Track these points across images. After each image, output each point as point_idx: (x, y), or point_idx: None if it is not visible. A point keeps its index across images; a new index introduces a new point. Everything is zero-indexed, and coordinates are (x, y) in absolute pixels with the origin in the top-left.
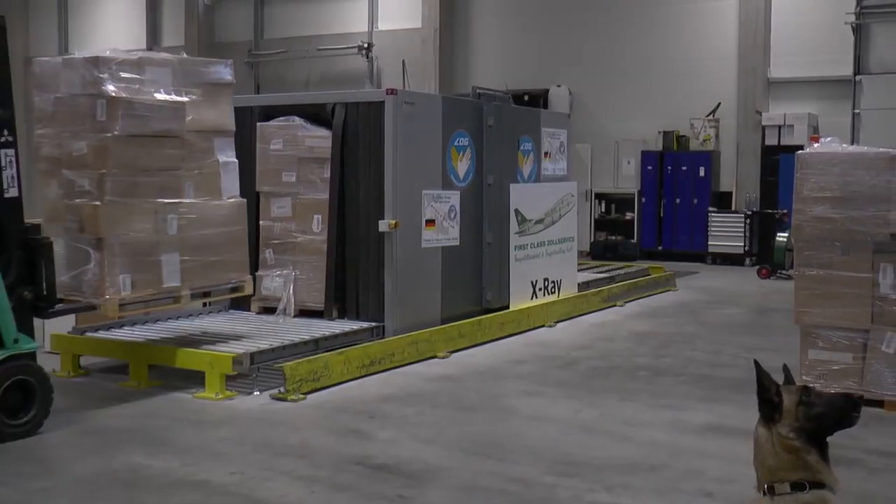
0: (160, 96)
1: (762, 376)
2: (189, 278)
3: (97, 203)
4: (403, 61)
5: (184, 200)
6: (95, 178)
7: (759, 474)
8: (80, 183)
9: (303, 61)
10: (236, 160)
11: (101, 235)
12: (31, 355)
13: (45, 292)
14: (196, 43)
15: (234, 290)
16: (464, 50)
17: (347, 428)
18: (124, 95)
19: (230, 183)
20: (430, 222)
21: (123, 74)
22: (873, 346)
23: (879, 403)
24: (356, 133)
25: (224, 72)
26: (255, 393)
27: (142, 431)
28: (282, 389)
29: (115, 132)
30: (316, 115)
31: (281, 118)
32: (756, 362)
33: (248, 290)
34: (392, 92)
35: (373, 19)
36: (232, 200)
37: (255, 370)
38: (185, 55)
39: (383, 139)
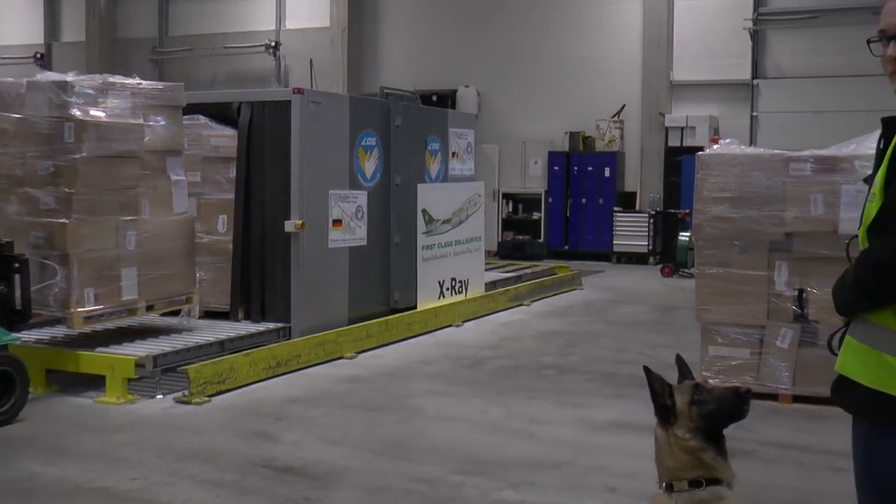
0: (121, 119)
1: (653, 381)
2: (144, 291)
3: (64, 220)
4: (311, 60)
5: (141, 217)
6: (63, 196)
7: (659, 473)
8: (45, 201)
9: (209, 59)
10: (185, 178)
11: (69, 251)
12: (5, 346)
13: (19, 307)
14: (97, 39)
15: (185, 301)
16: (372, 50)
17: (253, 430)
18: (91, 118)
19: (180, 199)
20: (337, 222)
21: (88, 98)
22: (769, 341)
23: (774, 397)
24: (262, 132)
25: (176, 96)
26: (159, 396)
27: (39, 438)
28: (186, 392)
29: (83, 153)
30: (221, 114)
31: (186, 117)
32: (646, 368)
33: (196, 302)
34: (299, 91)
35: (280, 18)
36: (181, 216)
37: (158, 373)
38: (140, 81)
39: (290, 139)
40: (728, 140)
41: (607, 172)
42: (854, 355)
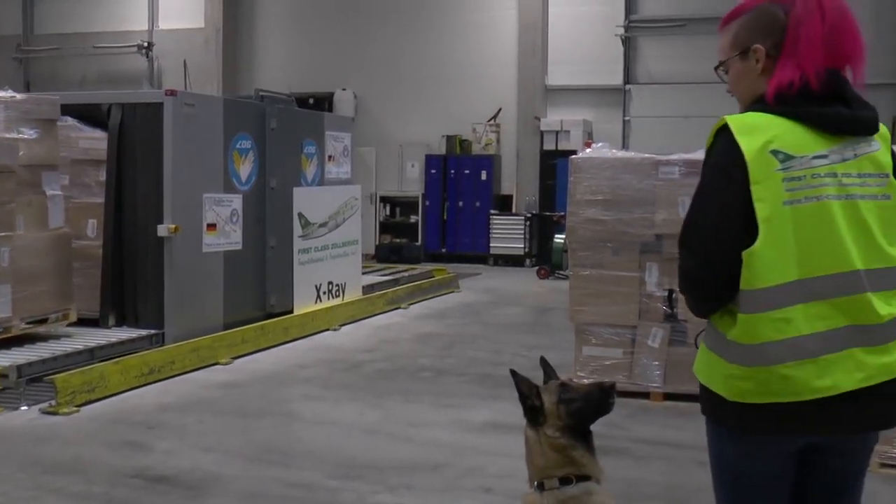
0: None
1: (520, 384)
2: (19, 308)
3: None
4: (185, 62)
5: (15, 233)
6: None
7: (530, 472)
8: None
9: (78, 59)
10: (61, 193)
11: None
12: None
13: None
14: None
15: (62, 317)
16: (248, 51)
17: (124, 440)
18: None
19: (56, 214)
20: (212, 226)
21: None
22: (640, 341)
23: (646, 395)
24: (134, 135)
25: (52, 110)
26: (24, 408)
27: None
28: (53, 403)
29: None
30: (91, 115)
31: None
32: (512, 372)
33: (73, 318)
34: (171, 93)
35: (153, 18)
36: (57, 231)
37: (22, 383)
38: (14, 94)
39: (162, 141)
40: (600, 144)
41: (484, 175)
42: (699, 355)
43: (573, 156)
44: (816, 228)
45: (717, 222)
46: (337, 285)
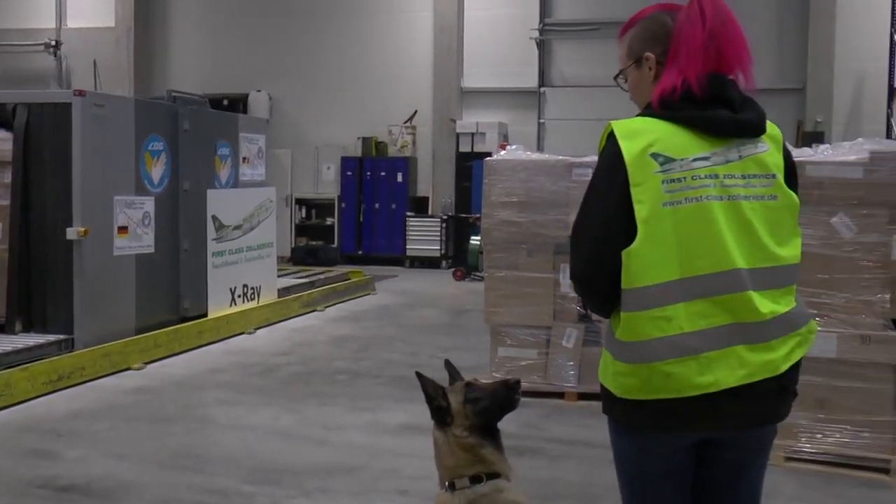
0: None
1: (426, 386)
2: None
3: None
4: (95, 61)
5: None
6: None
7: (441, 473)
8: None
9: None
10: None
11: None
12: None
13: None
14: None
15: None
16: (161, 52)
17: (31, 449)
18: None
19: None
20: (123, 229)
21: None
22: (555, 341)
23: (561, 395)
24: (41, 136)
25: None
26: None
27: None
28: None
29: None
30: None
31: None
32: (418, 374)
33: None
34: (80, 93)
35: (61, 16)
36: None
37: None
38: None
39: (71, 142)
40: (514, 146)
41: (400, 177)
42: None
43: (488, 158)
44: (697, 229)
45: (601, 223)
46: (252, 288)
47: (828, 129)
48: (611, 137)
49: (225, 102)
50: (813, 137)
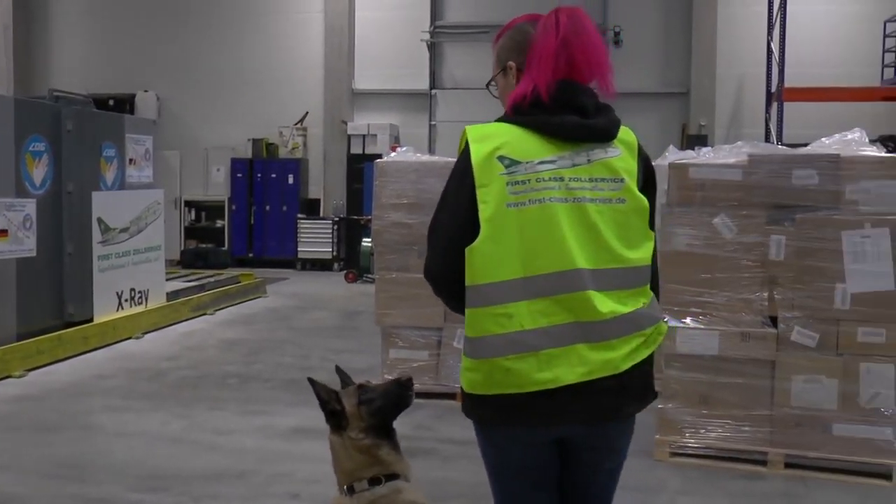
0: None
1: (319, 391)
2: None
3: None
4: None
5: None
6: None
7: (339, 478)
8: None
9: None
10: None
11: None
12: None
13: None
14: None
15: None
16: (42, 50)
17: None
18: None
19: None
20: (3, 232)
21: None
22: (446, 342)
23: (452, 396)
24: None
25: None
26: None
27: None
28: None
29: None
30: None
31: None
32: (310, 380)
33: None
34: None
35: None
36: None
37: None
38: None
39: None
40: (405, 148)
41: (291, 179)
42: None
43: (378, 160)
44: (539, 229)
45: (452, 223)
46: (139, 292)
47: (711, 132)
48: (465, 141)
49: (111, 103)
50: (697, 140)
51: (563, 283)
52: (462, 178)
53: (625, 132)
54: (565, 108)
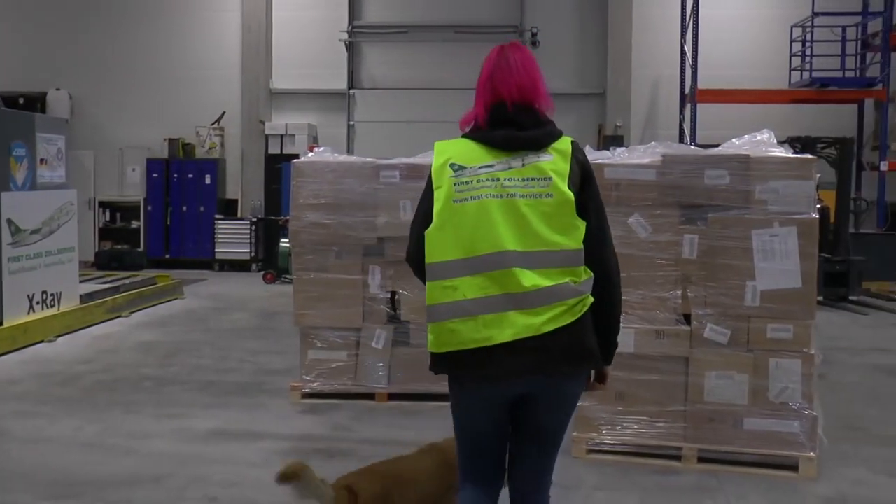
0: None
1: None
2: None
3: None
4: None
5: None
6: None
7: None
8: None
9: None
10: None
11: None
12: None
13: None
14: None
15: None
16: None
17: None
18: None
19: None
20: None
21: None
22: (365, 343)
23: (371, 396)
24: None
25: None
26: None
27: None
28: None
29: None
30: None
31: None
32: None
33: None
34: None
35: None
36: None
37: None
38: None
39: None
40: (322, 148)
41: (208, 179)
42: None
43: (295, 160)
44: (477, 219)
45: (419, 216)
46: (52, 295)
47: (627, 132)
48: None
49: (21, 101)
50: (613, 140)
51: (495, 262)
52: (428, 182)
53: (562, 141)
54: (500, 124)
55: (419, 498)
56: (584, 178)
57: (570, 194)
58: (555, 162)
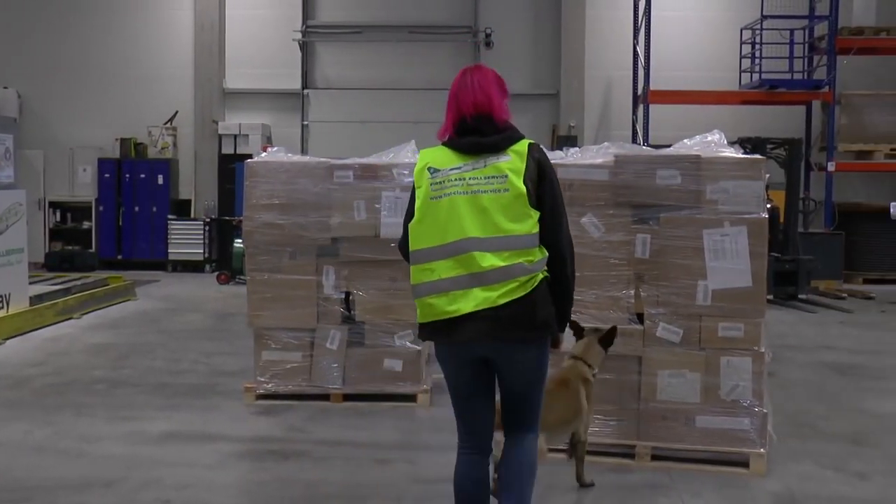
0: None
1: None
2: None
3: None
4: None
5: None
6: None
7: None
8: None
9: None
10: None
11: None
12: None
13: None
14: None
15: None
16: None
17: None
18: None
19: None
20: None
21: None
22: (319, 343)
23: (326, 397)
24: None
25: None
26: None
27: None
28: None
29: None
30: None
31: None
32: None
33: None
34: None
35: None
36: None
37: None
38: None
39: None
40: (276, 148)
41: (161, 180)
42: None
43: (248, 160)
44: (448, 213)
45: (407, 212)
46: (0, 297)
47: (581, 133)
48: None
49: None
50: (566, 141)
51: (460, 247)
52: (412, 183)
53: (520, 144)
54: (466, 133)
55: (554, 416)
56: (540, 173)
57: (524, 189)
58: (512, 161)
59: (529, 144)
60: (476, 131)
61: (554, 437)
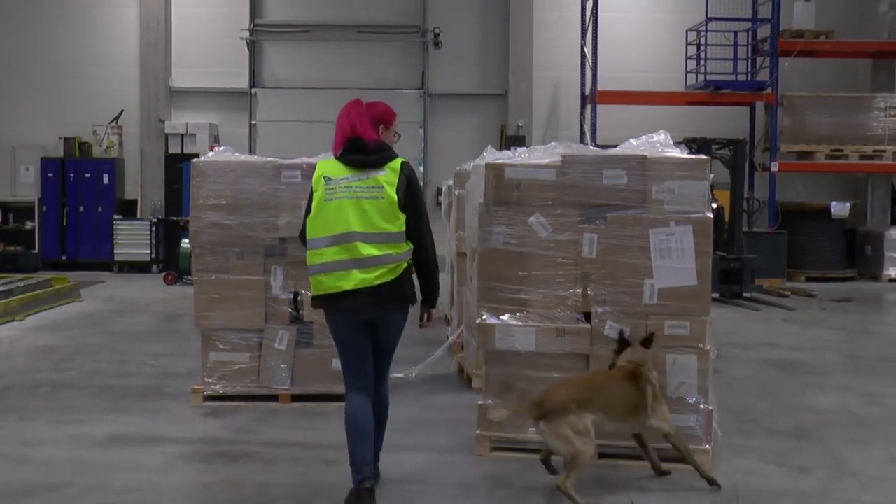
0: None
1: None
2: None
3: None
4: None
5: None
6: None
7: None
8: None
9: None
10: None
11: None
12: None
13: None
14: None
15: None
16: None
17: None
18: None
19: None
20: None
21: None
22: (268, 344)
23: (275, 398)
24: None
25: None
26: None
27: None
28: None
29: None
30: None
31: None
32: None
33: None
34: None
35: None
36: None
37: None
38: None
39: None
40: (223, 147)
41: (106, 179)
42: None
43: (195, 160)
44: (337, 212)
45: (306, 209)
46: None
47: (529, 133)
48: None
49: None
50: (515, 141)
51: (345, 238)
52: (311, 187)
53: (395, 161)
54: (352, 151)
55: (622, 405)
56: (408, 186)
57: (395, 197)
58: (387, 175)
59: (402, 163)
60: (361, 150)
61: (620, 424)
